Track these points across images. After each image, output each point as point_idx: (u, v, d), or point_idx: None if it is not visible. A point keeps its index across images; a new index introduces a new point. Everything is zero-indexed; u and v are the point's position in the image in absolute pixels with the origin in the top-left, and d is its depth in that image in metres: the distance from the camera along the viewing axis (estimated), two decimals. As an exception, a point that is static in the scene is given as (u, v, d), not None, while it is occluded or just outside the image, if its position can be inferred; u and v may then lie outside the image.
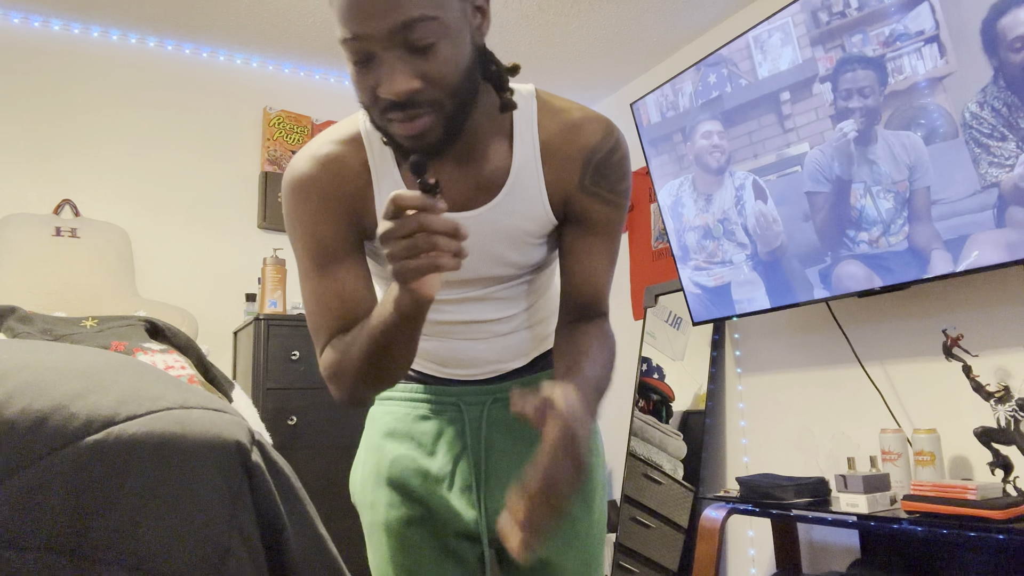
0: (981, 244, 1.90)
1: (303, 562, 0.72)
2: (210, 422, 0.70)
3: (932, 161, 1.99)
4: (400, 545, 1.12)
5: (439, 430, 1.13)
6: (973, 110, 1.88)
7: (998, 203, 1.86)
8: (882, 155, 2.11)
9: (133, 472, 0.64)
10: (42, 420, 0.63)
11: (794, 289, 2.41)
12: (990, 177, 1.87)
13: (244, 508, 0.68)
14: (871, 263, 2.17)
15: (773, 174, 2.44)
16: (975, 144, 1.89)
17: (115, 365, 0.75)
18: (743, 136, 2.53)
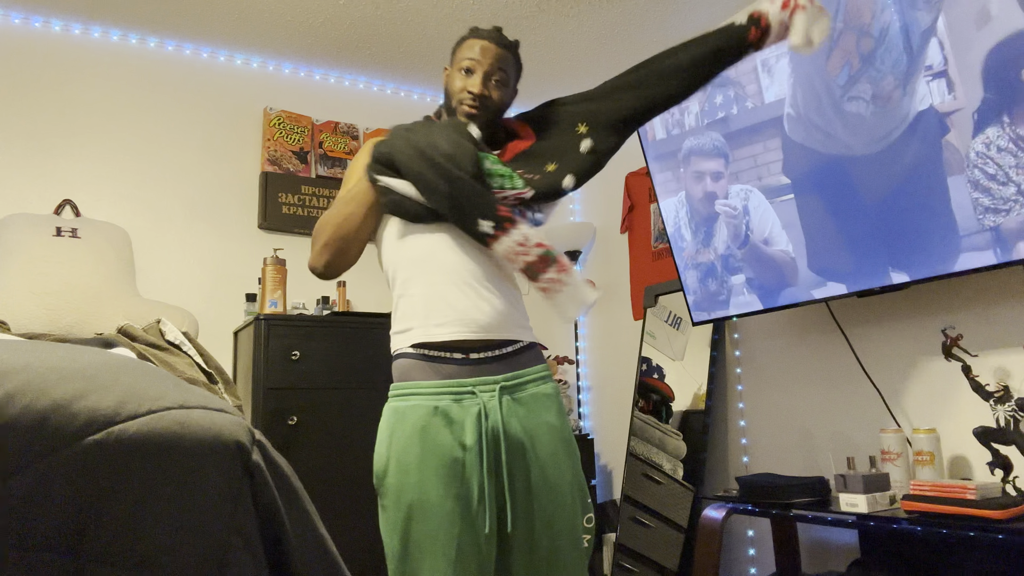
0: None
1: (303, 561, 0.72)
2: (210, 422, 0.70)
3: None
4: (444, 516, 1.31)
5: (462, 417, 1.35)
6: (979, 149, 1.88)
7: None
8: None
9: (133, 472, 0.64)
10: (43, 420, 0.63)
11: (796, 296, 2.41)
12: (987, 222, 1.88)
13: (244, 508, 0.68)
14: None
15: (776, 197, 2.44)
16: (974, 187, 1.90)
17: (115, 365, 0.75)
18: (747, 159, 2.54)
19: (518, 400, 1.39)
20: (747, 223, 2.56)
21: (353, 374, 2.69)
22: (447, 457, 1.33)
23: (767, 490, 2.17)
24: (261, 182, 3.17)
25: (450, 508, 1.31)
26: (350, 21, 2.97)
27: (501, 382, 1.38)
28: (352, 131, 3.37)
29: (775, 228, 2.47)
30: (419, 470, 1.33)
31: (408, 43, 3.15)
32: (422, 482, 1.32)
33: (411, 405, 1.39)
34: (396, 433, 1.39)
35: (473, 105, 1.50)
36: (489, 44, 1.53)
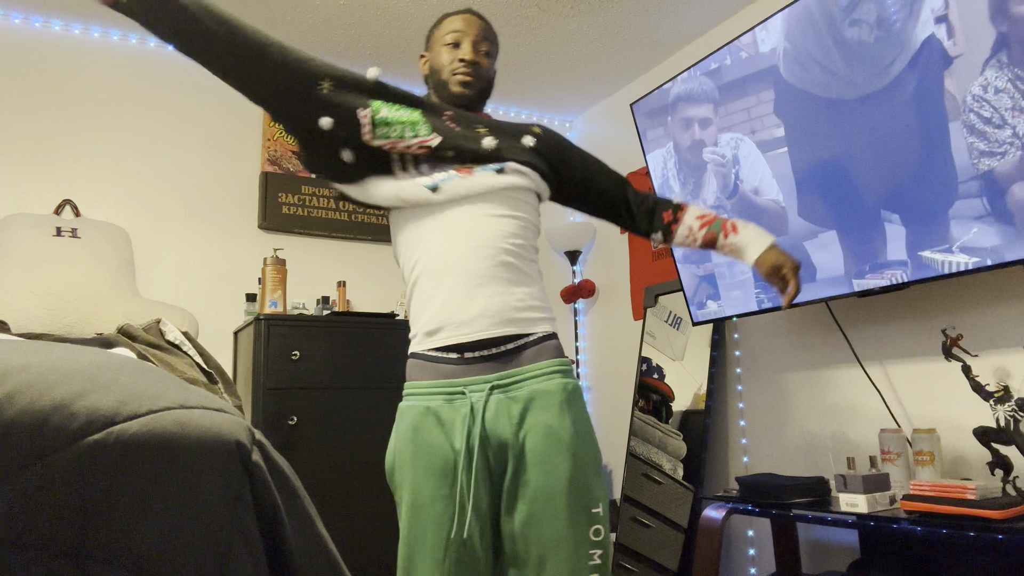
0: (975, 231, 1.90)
1: (303, 561, 0.72)
2: (210, 422, 0.70)
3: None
4: (434, 517, 1.30)
5: (452, 417, 1.34)
6: (976, 92, 1.87)
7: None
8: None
9: (134, 472, 0.64)
10: (43, 420, 0.63)
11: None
12: (982, 166, 1.88)
13: (245, 508, 0.68)
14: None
15: (769, 151, 2.42)
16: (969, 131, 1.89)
17: (115, 365, 0.75)
18: (741, 111, 2.52)
19: (514, 399, 1.33)
20: (736, 172, 2.54)
21: (353, 374, 2.69)
22: (438, 458, 1.31)
23: (767, 490, 2.17)
24: (261, 182, 3.17)
25: (440, 510, 1.29)
26: (350, 21, 2.97)
27: (493, 381, 1.34)
28: (352, 131, 3.37)
29: (765, 177, 2.45)
30: (412, 469, 1.32)
31: (408, 43, 3.15)
32: (415, 481, 1.32)
33: (409, 405, 1.39)
34: (397, 432, 1.39)
35: (467, 73, 1.48)
36: (471, 16, 1.53)
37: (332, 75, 1.39)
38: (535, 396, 1.34)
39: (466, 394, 1.34)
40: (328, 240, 3.29)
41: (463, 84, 1.49)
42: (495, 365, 1.36)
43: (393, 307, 3.31)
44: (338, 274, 3.26)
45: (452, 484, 1.30)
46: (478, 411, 1.32)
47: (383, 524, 2.61)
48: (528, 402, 1.33)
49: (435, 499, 1.29)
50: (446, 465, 1.31)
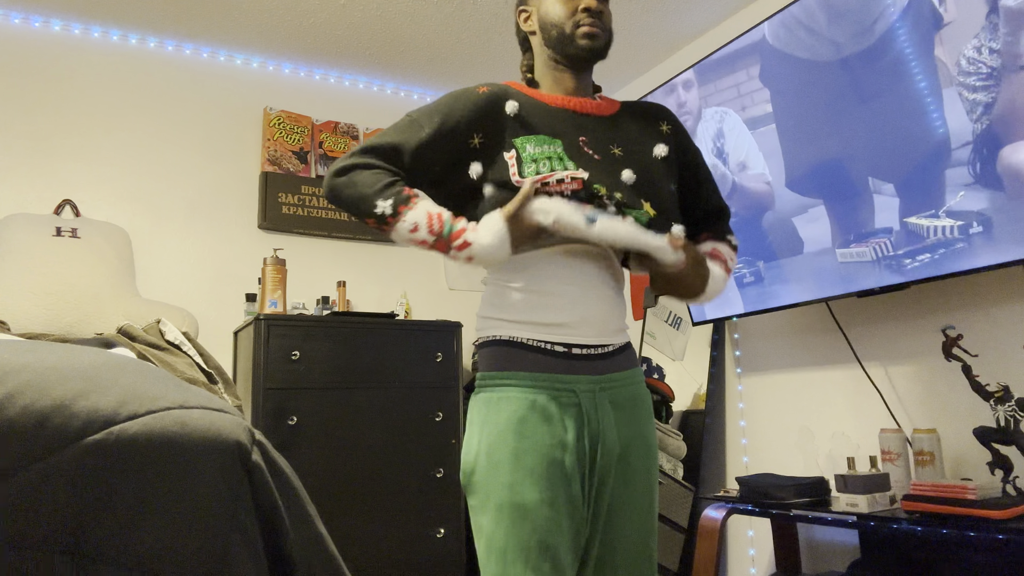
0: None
1: (303, 561, 0.72)
2: (210, 422, 0.70)
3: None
4: (540, 522, 1.18)
5: (559, 415, 1.25)
6: (970, 55, 1.89)
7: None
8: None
9: (133, 472, 0.64)
10: (43, 420, 0.63)
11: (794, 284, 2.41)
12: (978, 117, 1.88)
13: (244, 508, 0.68)
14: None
15: (758, 128, 2.42)
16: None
17: (116, 365, 0.75)
18: (731, 88, 2.52)
19: (616, 404, 1.29)
20: (722, 146, 2.54)
21: (353, 374, 2.69)
22: (544, 457, 1.19)
23: (767, 490, 2.17)
24: (261, 182, 3.17)
25: (547, 514, 1.17)
26: (350, 21, 2.97)
27: (602, 383, 1.28)
28: (352, 131, 3.37)
29: (751, 151, 2.44)
30: (512, 468, 1.19)
31: (408, 43, 3.15)
32: (515, 483, 1.18)
33: (506, 396, 1.24)
34: (491, 424, 1.24)
35: (593, 24, 1.33)
36: None
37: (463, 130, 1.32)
38: (634, 403, 1.33)
39: (575, 392, 1.25)
40: (328, 240, 3.29)
41: (590, 36, 1.33)
42: (599, 365, 1.29)
43: (393, 307, 3.31)
44: (338, 274, 3.26)
45: (562, 487, 1.19)
46: (592, 409, 1.25)
47: (383, 524, 2.61)
48: (628, 408, 1.31)
49: (542, 503, 1.17)
50: (552, 467, 1.19)
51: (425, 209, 1.23)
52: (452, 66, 3.35)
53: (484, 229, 1.22)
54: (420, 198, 1.25)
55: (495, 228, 1.22)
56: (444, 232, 1.22)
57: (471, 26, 3.02)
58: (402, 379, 2.77)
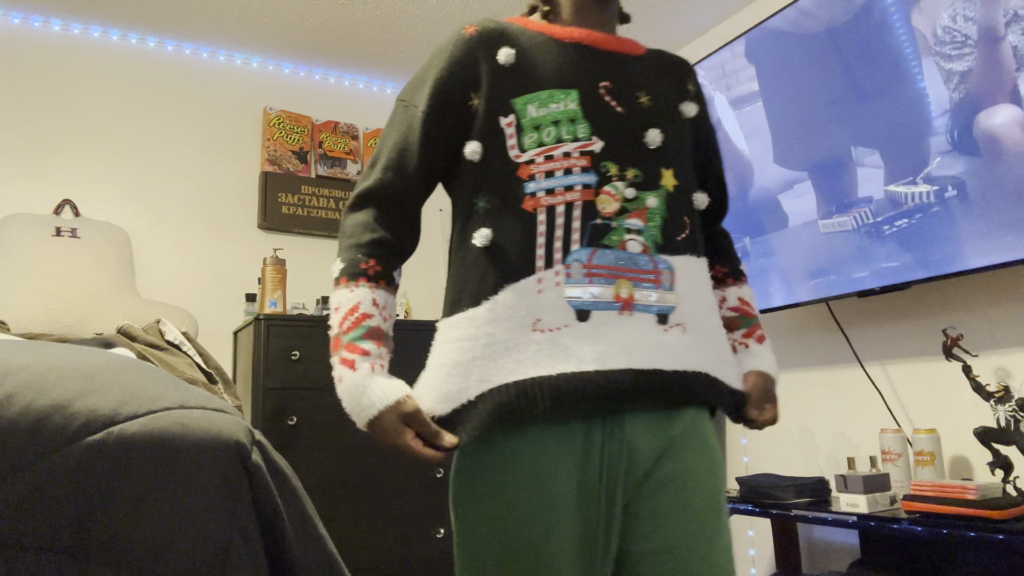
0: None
1: (303, 561, 0.72)
2: (210, 422, 0.70)
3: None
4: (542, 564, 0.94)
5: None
6: (946, 24, 1.94)
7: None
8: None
9: (133, 472, 0.64)
10: (43, 420, 0.63)
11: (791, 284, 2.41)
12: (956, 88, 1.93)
13: (244, 508, 0.68)
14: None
15: (747, 106, 2.45)
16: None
17: (115, 365, 0.75)
18: (716, 68, 2.54)
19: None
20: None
21: (353, 374, 2.69)
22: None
23: (767, 490, 2.17)
24: (261, 182, 3.17)
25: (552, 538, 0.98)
26: (350, 21, 2.97)
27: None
28: (352, 131, 3.37)
29: (732, 129, 2.50)
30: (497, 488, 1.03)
31: (408, 43, 3.15)
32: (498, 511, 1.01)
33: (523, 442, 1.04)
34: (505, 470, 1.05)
35: None
36: None
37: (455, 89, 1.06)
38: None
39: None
40: (328, 240, 3.29)
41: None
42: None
43: (393, 307, 3.31)
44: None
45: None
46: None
47: (383, 524, 2.61)
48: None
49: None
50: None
51: (356, 299, 1.01)
52: (452, 66, 3.35)
53: (366, 390, 0.96)
54: (367, 280, 1.02)
55: (369, 401, 0.96)
56: (343, 339, 0.99)
57: (471, 26, 3.02)
58: (402, 379, 2.76)
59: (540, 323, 0.95)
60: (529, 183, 1.00)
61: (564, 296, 0.96)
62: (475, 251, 1.00)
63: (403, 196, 1.07)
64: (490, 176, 1.02)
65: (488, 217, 1.01)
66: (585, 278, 0.97)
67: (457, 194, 1.07)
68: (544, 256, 0.97)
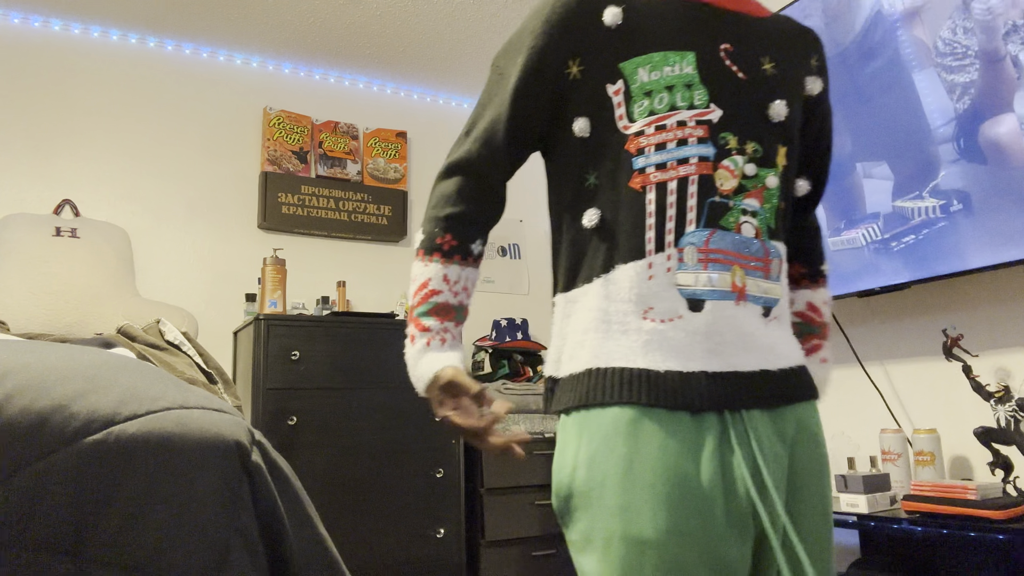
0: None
1: (303, 562, 0.72)
2: (210, 422, 0.70)
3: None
4: (675, 563, 0.84)
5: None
6: (946, 36, 1.95)
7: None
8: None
9: (133, 472, 0.64)
10: (42, 420, 0.63)
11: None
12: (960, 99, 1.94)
13: (244, 508, 0.68)
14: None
15: None
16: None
17: (115, 365, 0.75)
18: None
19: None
20: None
21: (353, 374, 2.69)
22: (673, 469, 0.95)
23: (767, 490, 2.17)
24: (261, 182, 3.17)
25: (676, 552, 0.89)
26: (350, 21, 2.97)
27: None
28: (352, 131, 3.37)
29: None
30: (623, 486, 0.94)
31: (408, 43, 3.15)
32: (628, 506, 0.92)
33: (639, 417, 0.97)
34: (587, 431, 1.02)
35: None
36: None
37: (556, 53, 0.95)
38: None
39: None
40: (328, 240, 3.29)
41: None
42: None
43: (393, 307, 3.31)
44: (338, 274, 3.26)
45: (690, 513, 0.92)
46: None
47: (383, 524, 2.61)
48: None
49: (668, 534, 0.88)
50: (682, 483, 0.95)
51: (427, 275, 0.99)
52: (452, 66, 3.35)
53: (417, 363, 0.98)
54: (441, 255, 0.99)
55: (418, 374, 0.97)
56: (413, 313, 1.00)
57: (471, 26, 3.02)
58: (402, 379, 2.76)
59: (651, 312, 0.88)
60: (638, 158, 0.90)
61: (675, 284, 0.88)
62: (585, 231, 0.95)
63: (489, 170, 1.01)
64: (598, 151, 0.94)
65: (597, 195, 0.94)
66: (699, 263, 0.88)
67: (564, 169, 0.98)
68: (654, 239, 0.89)
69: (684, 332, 0.87)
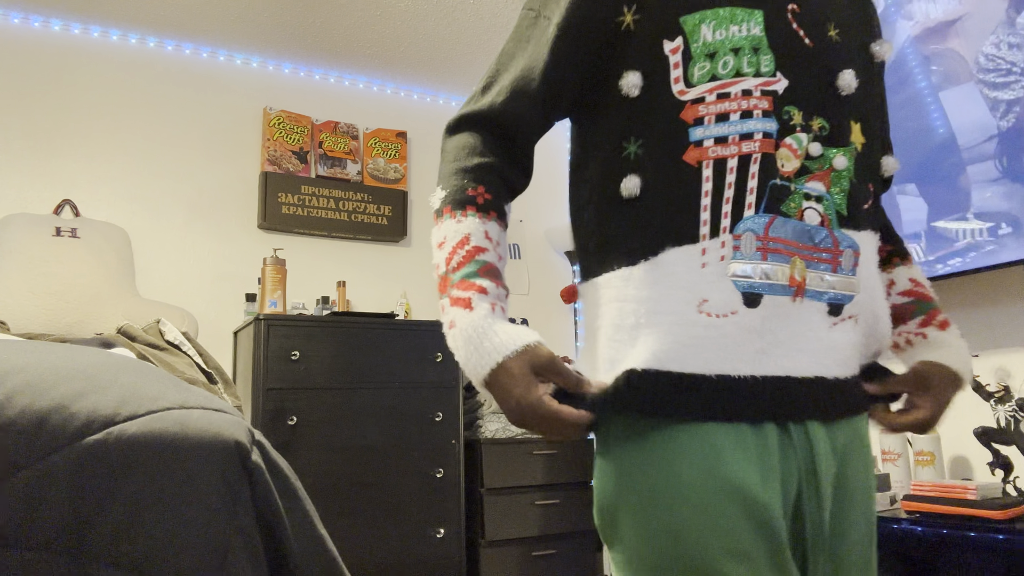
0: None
1: (303, 561, 0.72)
2: (210, 422, 0.70)
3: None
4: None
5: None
6: (989, 51, 1.88)
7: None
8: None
9: (133, 472, 0.64)
10: (42, 420, 0.63)
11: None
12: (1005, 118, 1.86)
13: (244, 508, 0.68)
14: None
15: None
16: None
17: (115, 365, 0.75)
18: None
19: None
20: None
21: (353, 374, 2.69)
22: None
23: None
24: (261, 182, 3.17)
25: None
26: (350, 21, 2.97)
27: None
28: (352, 131, 3.37)
29: None
30: (675, 503, 0.87)
31: (408, 43, 3.15)
32: (681, 527, 0.84)
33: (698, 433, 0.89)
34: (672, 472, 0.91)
35: None
36: None
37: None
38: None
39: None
40: (328, 240, 3.29)
41: None
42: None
43: (393, 307, 3.31)
44: (338, 274, 3.26)
45: (753, 537, 0.83)
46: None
47: (383, 524, 2.61)
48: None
49: (728, 561, 0.78)
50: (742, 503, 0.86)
51: (465, 230, 0.82)
52: (452, 66, 3.35)
53: (486, 334, 0.77)
54: (476, 209, 0.83)
55: (492, 346, 0.77)
56: (452, 276, 0.81)
57: (471, 26, 3.02)
58: (402, 379, 2.76)
59: (706, 304, 0.77)
60: (695, 128, 0.79)
61: (730, 274, 0.77)
62: (621, 202, 0.82)
63: (518, 128, 0.87)
64: (647, 116, 0.81)
65: (640, 165, 0.81)
66: (757, 252, 0.77)
67: (599, 134, 0.86)
68: (709, 222, 0.78)
69: (739, 329, 0.77)
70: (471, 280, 0.79)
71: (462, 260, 0.81)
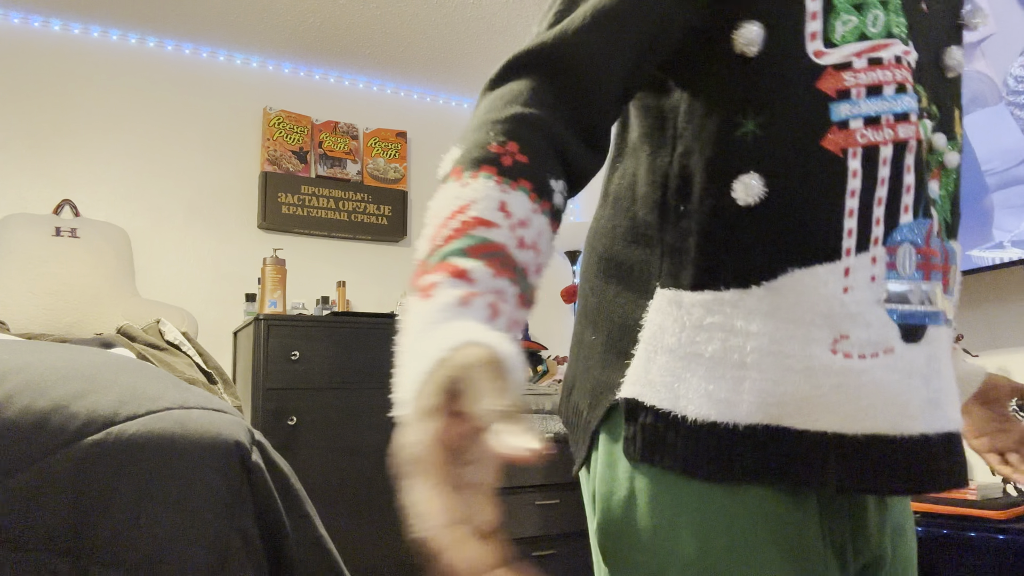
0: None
1: (303, 561, 0.72)
2: (209, 422, 0.70)
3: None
4: None
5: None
6: (1018, 73, 1.84)
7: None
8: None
9: (133, 472, 0.64)
10: (42, 420, 0.63)
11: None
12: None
13: (244, 508, 0.68)
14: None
15: None
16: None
17: (115, 365, 0.75)
18: None
19: None
20: None
21: (353, 374, 2.69)
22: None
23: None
24: (261, 182, 3.17)
25: None
26: (350, 21, 2.97)
27: None
28: (352, 131, 3.37)
29: None
30: (699, 528, 0.71)
31: (408, 43, 3.15)
32: (708, 557, 0.67)
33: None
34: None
35: None
36: None
37: None
38: None
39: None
40: (328, 240, 3.29)
41: None
42: None
43: (393, 307, 3.31)
44: (338, 274, 3.26)
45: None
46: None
47: (383, 524, 2.61)
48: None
49: None
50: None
51: (468, 197, 0.53)
52: (452, 66, 3.35)
53: (423, 333, 0.48)
54: (496, 171, 0.54)
55: (409, 379, 0.46)
56: (431, 259, 0.53)
57: (471, 26, 3.02)
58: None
59: (845, 342, 0.57)
60: (839, 104, 0.58)
61: (884, 301, 0.58)
62: (734, 209, 0.60)
63: (598, 74, 0.59)
64: (770, 82, 0.59)
65: (759, 152, 0.59)
66: (919, 271, 0.59)
67: (698, 104, 0.63)
68: (856, 231, 0.58)
69: (897, 373, 0.58)
70: (451, 260, 0.51)
71: (450, 235, 0.52)
